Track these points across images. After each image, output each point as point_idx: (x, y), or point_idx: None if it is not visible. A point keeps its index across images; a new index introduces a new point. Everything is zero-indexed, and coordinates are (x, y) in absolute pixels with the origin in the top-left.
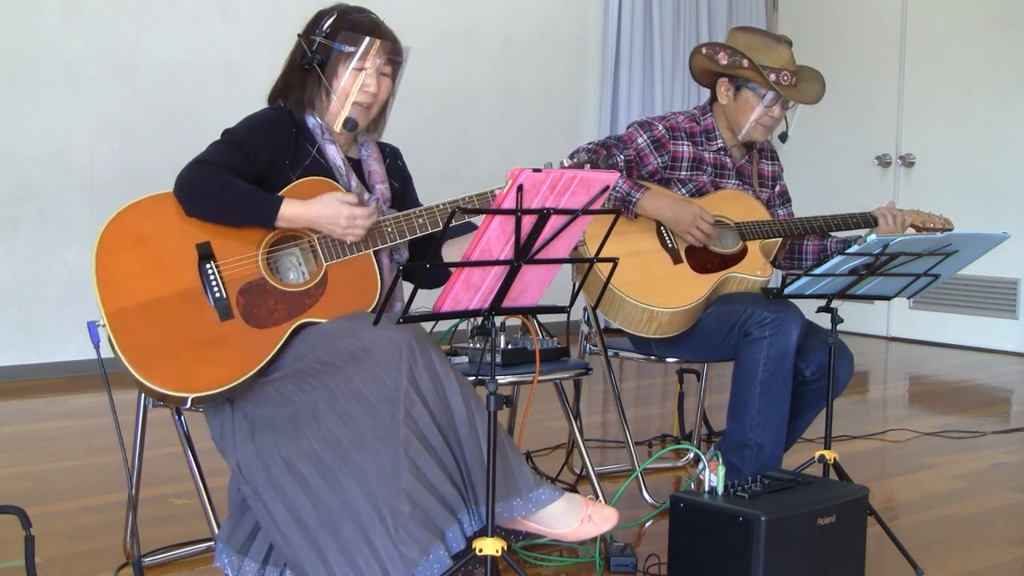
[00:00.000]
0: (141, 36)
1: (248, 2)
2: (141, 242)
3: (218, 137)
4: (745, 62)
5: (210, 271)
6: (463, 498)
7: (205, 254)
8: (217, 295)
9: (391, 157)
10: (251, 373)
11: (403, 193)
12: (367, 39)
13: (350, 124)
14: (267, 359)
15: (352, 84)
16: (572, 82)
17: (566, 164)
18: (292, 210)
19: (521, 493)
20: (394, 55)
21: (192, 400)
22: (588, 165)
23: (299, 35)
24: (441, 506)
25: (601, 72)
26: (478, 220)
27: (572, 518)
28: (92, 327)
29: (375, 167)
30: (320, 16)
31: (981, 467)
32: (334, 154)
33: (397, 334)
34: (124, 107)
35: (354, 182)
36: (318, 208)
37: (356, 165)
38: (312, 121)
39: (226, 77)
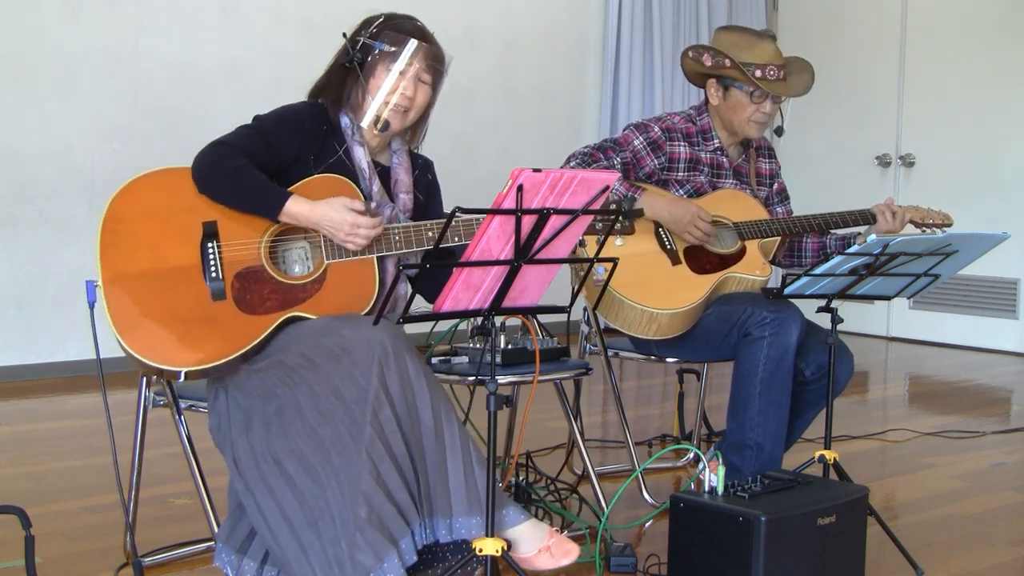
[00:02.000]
0: (141, 36)
1: (248, 2)
2: (150, 213)
3: (240, 125)
4: (727, 62)
5: (211, 251)
6: (417, 509)
7: (210, 233)
8: (213, 275)
9: (422, 169)
10: (232, 356)
11: (426, 206)
12: (410, 41)
13: (383, 125)
14: (251, 345)
15: (388, 85)
16: (572, 82)
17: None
18: (297, 208)
19: (483, 512)
20: (435, 63)
21: (185, 374)
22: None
23: (344, 35)
24: (397, 513)
25: (601, 72)
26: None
27: (531, 545)
28: (90, 286)
29: (403, 176)
30: (369, 20)
31: (981, 467)
32: (360, 156)
33: (374, 335)
34: (124, 107)
35: (376, 187)
36: (324, 210)
37: (384, 172)
38: (345, 120)
39: (226, 77)
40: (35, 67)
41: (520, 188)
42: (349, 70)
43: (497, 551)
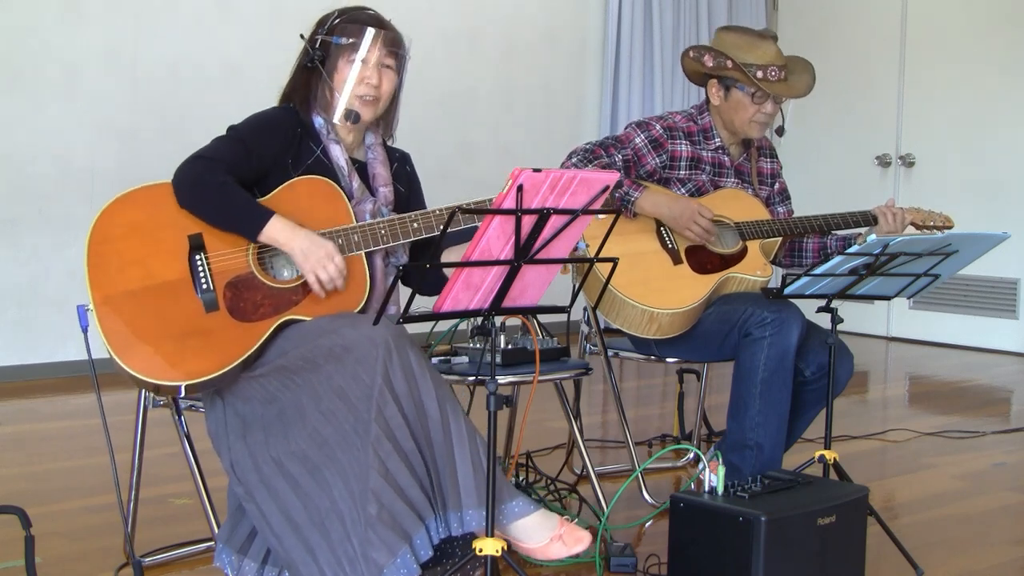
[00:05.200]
0: (141, 36)
1: (248, 2)
2: (133, 231)
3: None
4: (729, 63)
5: (199, 263)
6: (431, 504)
7: (196, 245)
8: (204, 287)
9: (400, 162)
10: (232, 366)
11: (408, 198)
12: (365, 29)
13: (352, 116)
14: (249, 353)
15: (353, 76)
16: (572, 83)
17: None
18: (277, 231)
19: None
20: (395, 47)
21: (185, 388)
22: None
23: (302, 36)
24: (409, 509)
25: (601, 73)
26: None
27: (543, 534)
28: (81, 311)
29: (380, 170)
30: (323, 18)
31: (981, 467)
32: (338, 155)
33: (376, 333)
34: (124, 107)
35: (356, 184)
36: (303, 238)
37: (361, 167)
38: (319, 121)
39: (226, 77)
40: (35, 67)
41: (520, 188)
42: (312, 70)
43: (497, 551)
